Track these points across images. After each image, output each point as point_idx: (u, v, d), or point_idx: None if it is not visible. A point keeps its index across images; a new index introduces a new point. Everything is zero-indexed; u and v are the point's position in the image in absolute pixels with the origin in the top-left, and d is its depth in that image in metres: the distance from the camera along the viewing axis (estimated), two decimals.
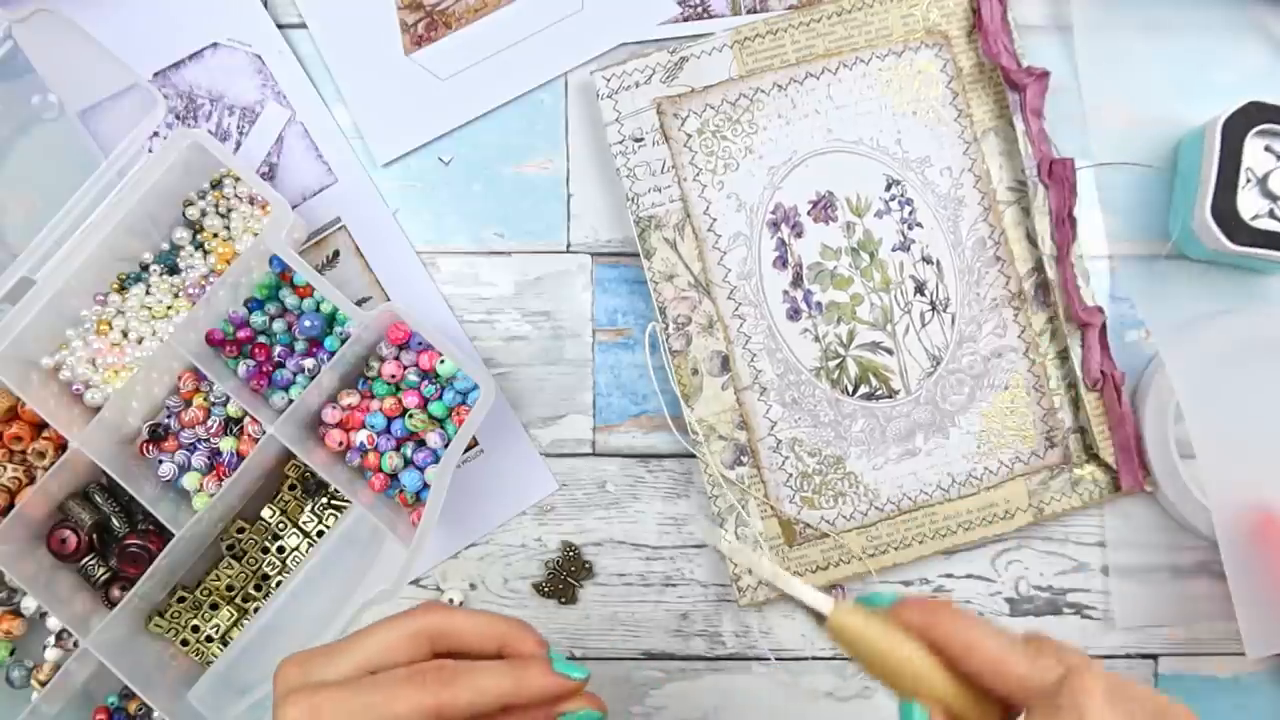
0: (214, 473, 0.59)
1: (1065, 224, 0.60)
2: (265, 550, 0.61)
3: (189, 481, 0.59)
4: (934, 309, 0.61)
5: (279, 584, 0.61)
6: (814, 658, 0.62)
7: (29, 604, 0.60)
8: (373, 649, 0.39)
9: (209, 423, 0.60)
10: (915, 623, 0.38)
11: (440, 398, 0.59)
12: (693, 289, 0.61)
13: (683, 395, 0.60)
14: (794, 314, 0.61)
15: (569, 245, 0.63)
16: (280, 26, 0.63)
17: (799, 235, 0.61)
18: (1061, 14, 0.63)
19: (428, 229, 0.63)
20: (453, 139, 0.63)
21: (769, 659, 0.61)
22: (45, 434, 0.59)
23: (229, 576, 0.61)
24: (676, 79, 0.61)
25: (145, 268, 0.61)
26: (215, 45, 0.63)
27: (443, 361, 0.58)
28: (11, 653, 0.60)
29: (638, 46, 0.63)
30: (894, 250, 0.61)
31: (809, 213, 0.61)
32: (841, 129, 0.61)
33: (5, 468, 0.58)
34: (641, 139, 0.61)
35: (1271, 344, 0.59)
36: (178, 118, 0.63)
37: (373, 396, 0.60)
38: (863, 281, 0.61)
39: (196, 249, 0.61)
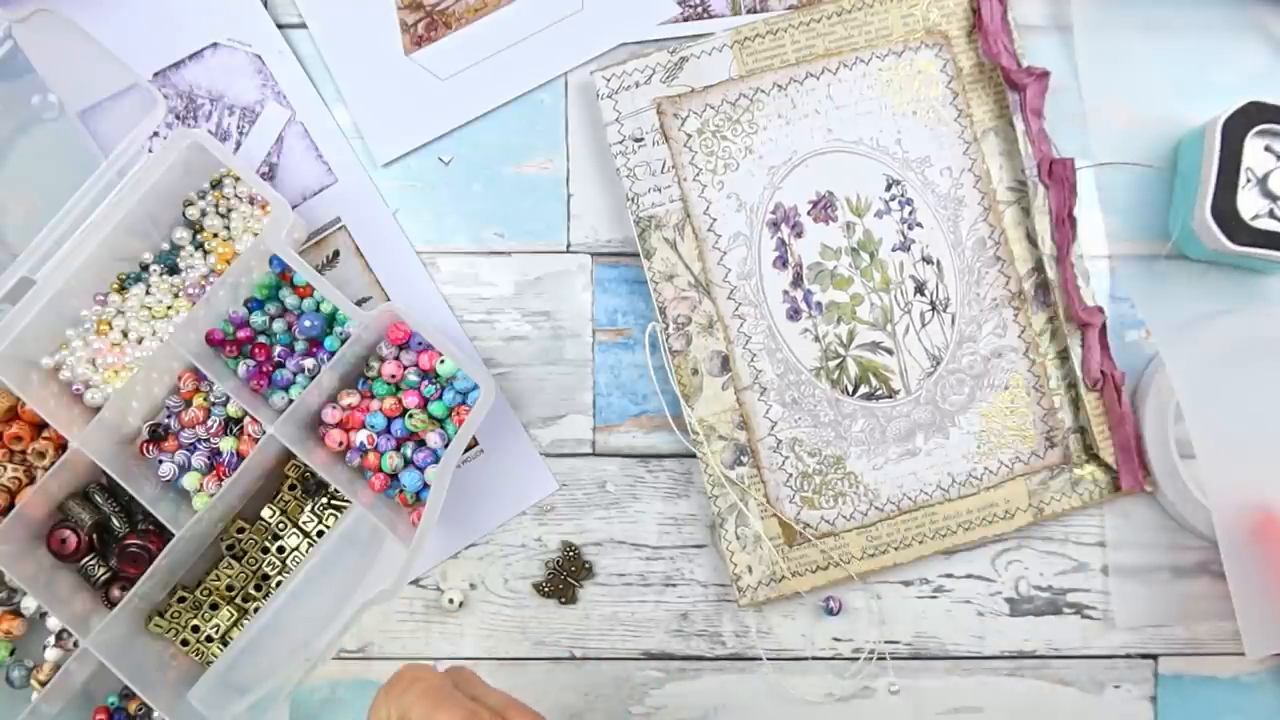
0: (214, 473, 0.59)
1: (1065, 224, 0.60)
2: (265, 550, 0.61)
3: (189, 481, 0.59)
4: (934, 309, 0.61)
5: (279, 584, 0.61)
6: (814, 658, 0.62)
7: (29, 604, 0.60)
8: None
9: (209, 423, 0.60)
10: None
11: (440, 398, 0.59)
12: (693, 289, 0.61)
13: (683, 395, 0.60)
14: (794, 314, 0.61)
15: (569, 245, 0.63)
16: (280, 26, 0.63)
17: (799, 235, 0.61)
18: (1061, 14, 0.63)
19: (428, 229, 0.63)
20: (453, 139, 0.63)
21: (762, 659, 0.61)
22: (45, 434, 0.59)
23: (229, 576, 0.61)
24: (676, 79, 0.61)
25: (145, 268, 0.61)
26: (215, 45, 0.63)
27: (443, 361, 0.58)
28: (11, 653, 0.60)
29: (638, 46, 0.63)
30: (894, 250, 0.61)
31: (809, 213, 0.61)
32: (841, 129, 0.61)
33: (5, 468, 0.58)
34: (641, 139, 0.61)
35: (1271, 344, 0.59)
36: (178, 118, 0.63)
37: (373, 396, 0.60)
38: (863, 281, 0.61)
39: (196, 249, 0.61)
